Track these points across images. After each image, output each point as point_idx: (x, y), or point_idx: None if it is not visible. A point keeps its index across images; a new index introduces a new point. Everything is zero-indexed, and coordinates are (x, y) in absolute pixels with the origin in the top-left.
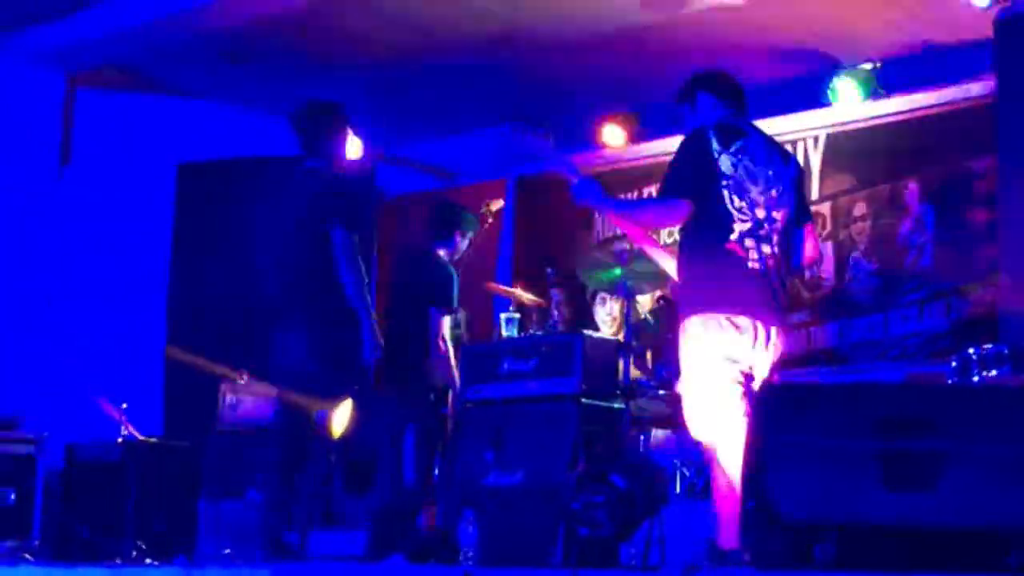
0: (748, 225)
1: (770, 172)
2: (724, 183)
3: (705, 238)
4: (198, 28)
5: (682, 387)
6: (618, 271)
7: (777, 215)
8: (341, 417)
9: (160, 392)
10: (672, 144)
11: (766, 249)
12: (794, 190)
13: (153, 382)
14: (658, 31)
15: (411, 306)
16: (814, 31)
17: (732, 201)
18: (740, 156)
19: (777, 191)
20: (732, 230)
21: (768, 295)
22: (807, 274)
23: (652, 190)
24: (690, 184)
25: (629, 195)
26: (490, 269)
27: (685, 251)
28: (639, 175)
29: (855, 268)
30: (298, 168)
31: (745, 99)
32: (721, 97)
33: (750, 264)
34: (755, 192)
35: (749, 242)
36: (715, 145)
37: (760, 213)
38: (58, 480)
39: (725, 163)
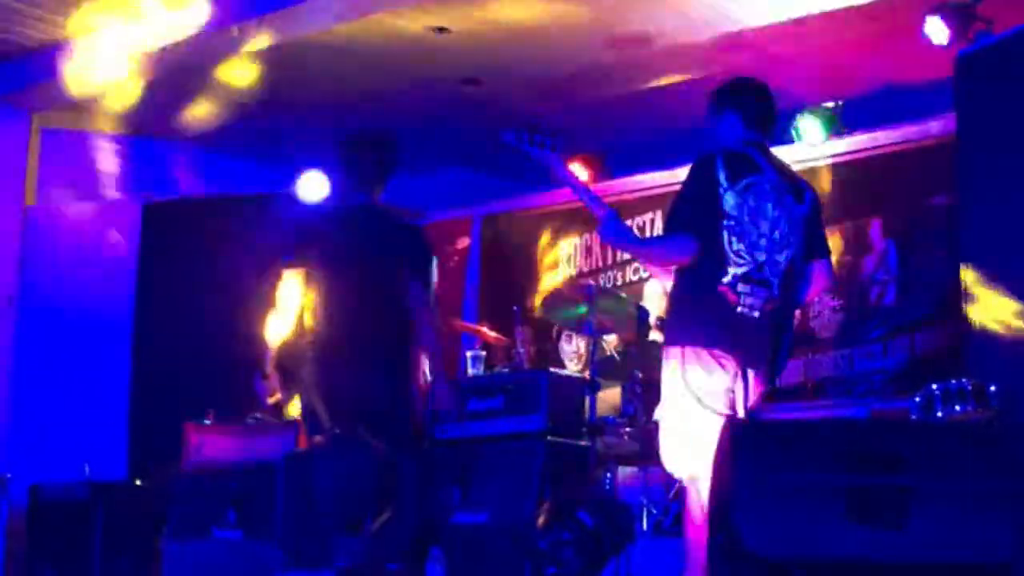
0: (744, 269)
1: (776, 213)
2: (725, 222)
3: (698, 277)
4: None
5: (660, 414)
6: (583, 308)
7: (780, 257)
8: None
9: (125, 431)
10: (637, 182)
11: (762, 293)
12: (803, 228)
13: (118, 422)
14: (623, 71)
15: None
16: (777, 70)
17: (731, 243)
18: (746, 195)
19: (781, 232)
20: (726, 272)
21: (755, 340)
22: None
23: None
24: (691, 219)
25: (589, 234)
26: (456, 307)
27: (677, 284)
28: None
29: (819, 305)
30: (354, 205)
31: (774, 122)
32: (747, 122)
33: (739, 309)
34: (756, 235)
35: (743, 287)
36: (722, 179)
37: (760, 256)
38: (22, 521)
39: (729, 201)
